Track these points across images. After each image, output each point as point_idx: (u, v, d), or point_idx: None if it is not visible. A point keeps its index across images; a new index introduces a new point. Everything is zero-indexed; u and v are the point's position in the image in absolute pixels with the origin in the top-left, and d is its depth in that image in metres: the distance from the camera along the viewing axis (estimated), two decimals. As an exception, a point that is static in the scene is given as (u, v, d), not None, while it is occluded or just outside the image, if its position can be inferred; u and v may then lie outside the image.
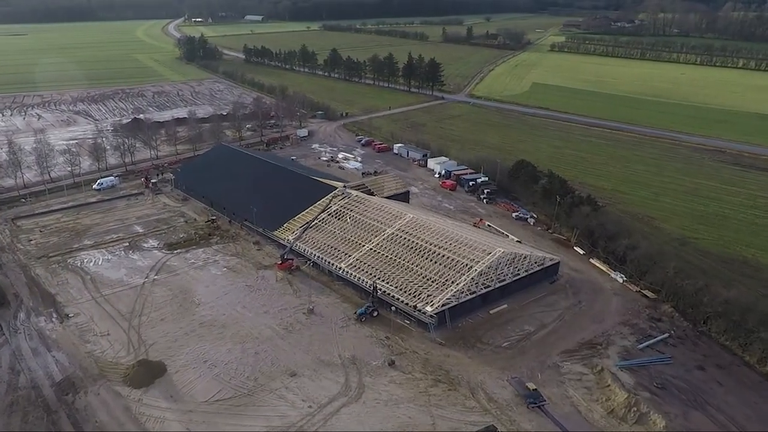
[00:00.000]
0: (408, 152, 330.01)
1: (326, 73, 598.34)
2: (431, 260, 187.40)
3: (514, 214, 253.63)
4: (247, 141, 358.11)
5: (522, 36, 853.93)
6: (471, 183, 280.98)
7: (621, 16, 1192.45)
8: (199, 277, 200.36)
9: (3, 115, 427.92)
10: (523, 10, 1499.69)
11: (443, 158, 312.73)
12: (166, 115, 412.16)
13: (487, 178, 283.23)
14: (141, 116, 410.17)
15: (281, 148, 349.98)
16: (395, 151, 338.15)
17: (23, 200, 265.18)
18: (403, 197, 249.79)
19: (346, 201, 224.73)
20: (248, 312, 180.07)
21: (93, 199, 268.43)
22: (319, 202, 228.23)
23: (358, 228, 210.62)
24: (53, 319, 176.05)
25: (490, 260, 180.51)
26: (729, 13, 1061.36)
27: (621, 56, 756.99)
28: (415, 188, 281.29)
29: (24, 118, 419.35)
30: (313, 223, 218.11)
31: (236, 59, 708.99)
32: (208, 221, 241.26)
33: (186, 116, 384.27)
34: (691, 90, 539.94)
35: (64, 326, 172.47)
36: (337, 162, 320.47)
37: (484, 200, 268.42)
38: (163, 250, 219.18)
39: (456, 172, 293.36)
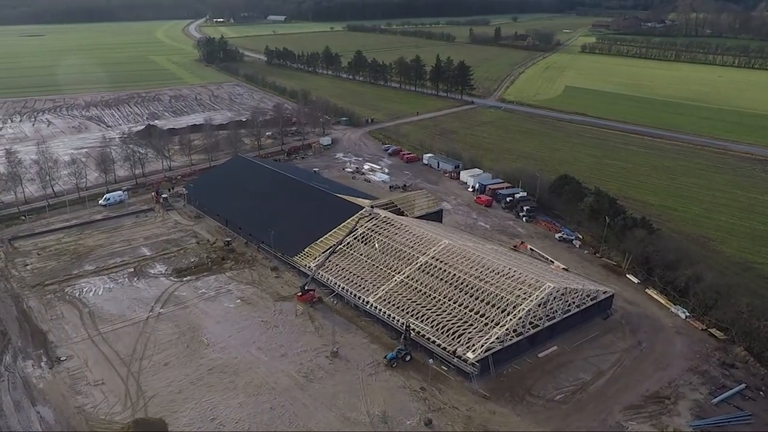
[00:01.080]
0: (438, 163, 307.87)
1: (350, 76, 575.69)
2: (471, 295, 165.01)
3: (557, 235, 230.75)
4: (267, 150, 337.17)
5: (552, 37, 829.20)
6: (508, 199, 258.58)
7: (651, 16, 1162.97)
8: (210, 310, 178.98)
9: (12, 121, 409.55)
10: (549, 9, 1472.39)
11: (477, 170, 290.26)
12: (183, 122, 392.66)
13: (525, 194, 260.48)
14: (156, 122, 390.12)
15: (303, 157, 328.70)
16: (425, 161, 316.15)
17: (23, 218, 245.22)
18: (436, 216, 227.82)
19: (373, 223, 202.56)
20: (264, 355, 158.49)
21: (98, 216, 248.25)
22: (343, 224, 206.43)
23: (387, 255, 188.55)
24: (42, 364, 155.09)
25: (540, 297, 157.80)
26: (763, 12, 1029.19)
27: (655, 58, 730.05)
28: (447, 204, 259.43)
29: (33, 125, 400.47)
30: (338, 248, 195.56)
31: (257, 61, 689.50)
32: (224, 244, 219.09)
33: (203, 122, 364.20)
34: (731, 93, 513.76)
35: (54, 373, 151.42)
36: (363, 174, 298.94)
37: (524, 218, 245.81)
38: (172, 277, 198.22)
39: (491, 187, 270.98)
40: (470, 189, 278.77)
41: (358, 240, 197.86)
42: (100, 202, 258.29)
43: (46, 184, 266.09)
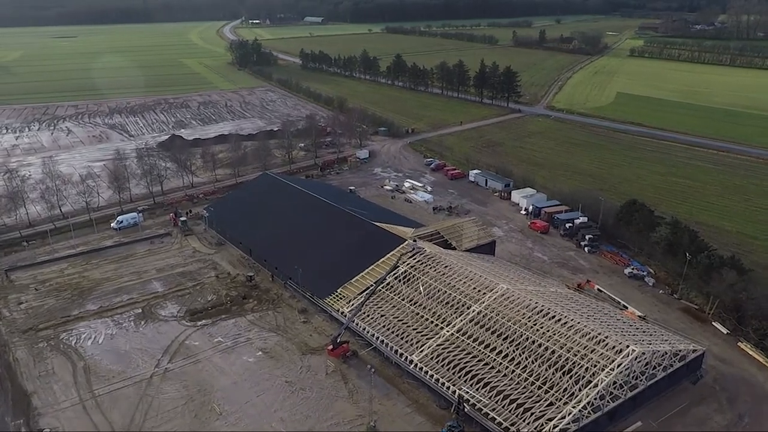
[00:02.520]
0: (487, 181, 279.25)
1: (389, 81, 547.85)
2: (537, 358, 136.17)
3: (626, 270, 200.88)
4: (299, 164, 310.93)
5: (598, 40, 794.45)
6: (568, 225, 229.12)
7: (700, 18, 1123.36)
8: (226, 366, 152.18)
9: (29, 129, 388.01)
10: (593, 11, 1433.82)
11: (530, 190, 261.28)
12: (210, 131, 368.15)
13: (586, 219, 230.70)
14: (181, 131, 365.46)
15: (338, 173, 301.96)
16: (471, 178, 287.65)
17: (24, 244, 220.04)
18: (488, 249, 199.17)
19: (417, 260, 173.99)
20: (286, 429, 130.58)
21: (109, 242, 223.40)
22: (383, 260, 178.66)
23: (434, 300, 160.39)
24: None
25: (623, 364, 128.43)
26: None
27: (708, 62, 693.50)
28: (498, 230, 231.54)
29: (52, 133, 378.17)
30: (376, 290, 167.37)
31: (292, 65, 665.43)
32: (246, 279, 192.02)
33: (231, 132, 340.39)
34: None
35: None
36: (403, 192, 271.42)
37: (586, 249, 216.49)
38: (184, 321, 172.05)
39: (547, 210, 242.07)
40: (523, 212, 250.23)
41: (400, 280, 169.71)
42: (111, 225, 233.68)
43: (53, 204, 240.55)
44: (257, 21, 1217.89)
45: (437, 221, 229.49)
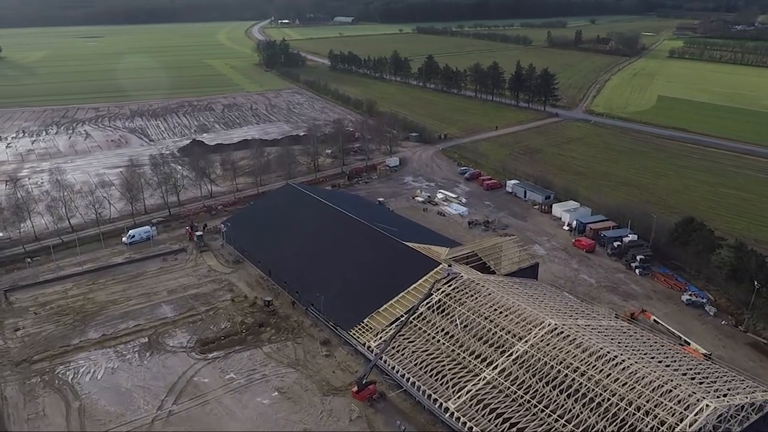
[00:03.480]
0: (526, 192, 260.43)
1: (421, 83, 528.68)
2: (594, 409, 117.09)
3: (684, 297, 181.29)
4: (325, 172, 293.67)
5: (636, 40, 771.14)
6: (616, 244, 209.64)
7: (740, 18, 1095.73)
8: (237, 408, 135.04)
9: (46, 133, 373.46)
10: (628, 11, 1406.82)
11: (573, 203, 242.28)
12: (234, 135, 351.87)
13: (635, 236, 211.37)
14: (204, 136, 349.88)
15: (366, 182, 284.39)
16: (509, 188, 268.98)
17: (27, 261, 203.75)
18: (530, 272, 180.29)
19: (453, 287, 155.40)
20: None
21: (119, 259, 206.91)
22: (415, 286, 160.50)
23: (472, 336, 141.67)
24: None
25: (698, 422, 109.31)
26: None
27: (751, 64, 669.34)
28: (539, 248, 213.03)
29: (69, 137, 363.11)
30: (408, 322, 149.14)
31: (321, 66, 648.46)
32: (264, 303, 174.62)
33: (255, 137, 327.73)
34: None
35: None
36: (436, 204, 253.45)
37: (637, 270, 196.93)
38: (194, 353, 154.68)
39: (593, 226, 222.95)
40: (566, 227, 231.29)
41: (434, 311, 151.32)
42: (123, 239, 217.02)
43: (62, 216, 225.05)
44: (286, 21, 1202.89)
45: (473, 238, 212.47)
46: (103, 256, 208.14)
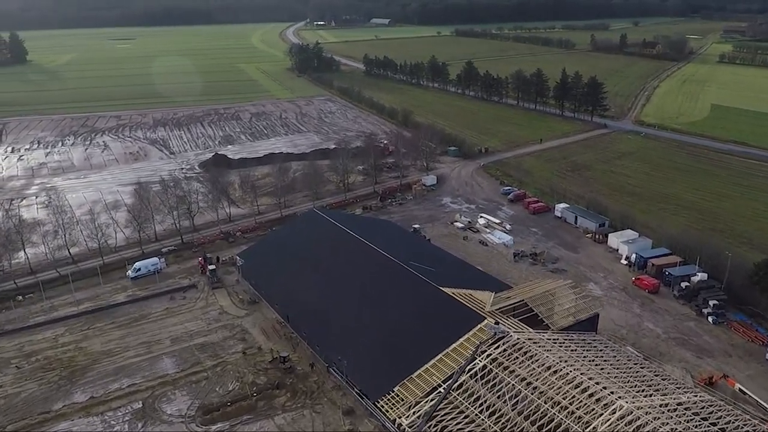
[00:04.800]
0: (577, 218, 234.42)
1: (459, 90, 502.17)
2: None
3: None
4: (356, 192, 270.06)
5: (684, 44, 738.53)
6: (684, 284, 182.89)
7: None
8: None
9: (62, 144, 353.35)
10: (671, 13, 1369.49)
11: (631, 233, 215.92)
12: (260, 148, 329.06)
13: (706, 275, 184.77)
14: (228, 148, 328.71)
15: (401, 203, 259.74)
16: (557, 213, 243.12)
17: (18, 298, 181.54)
18: (589, 324, 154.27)
19: (501, 350, 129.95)
20: None
21: (121, 297, 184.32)
22: (455, 346, 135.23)
23: (525, 418, 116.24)
24: None
25: None
26: None
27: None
28: (595, 286, 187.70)
29: (86, 149, 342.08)
30: (447, 395, 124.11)
31: (355, 71, 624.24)
32: (280, 360, 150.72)
33: (283, 150, 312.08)
34: None
35: None
36: (477, 231, 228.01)
37: (710, 318, 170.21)
38: (194, 424, 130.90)
39: (656, 262, 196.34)
40: (624, 261, 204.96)
41: (478, 380, 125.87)
42: (128, 273, 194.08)
43: (62, 245, 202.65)
44: (322, 23, 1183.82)
45: (519, 273, 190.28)
46: (103, 294, 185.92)
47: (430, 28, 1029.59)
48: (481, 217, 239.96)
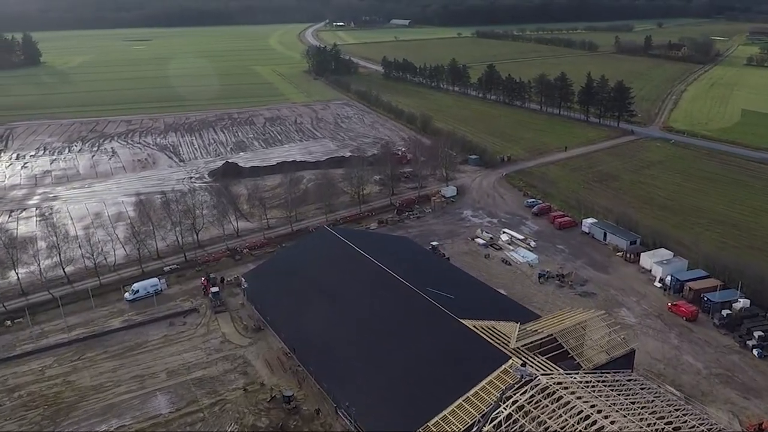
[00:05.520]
0: (606, 234, 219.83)
1: (480, 95, 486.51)
2: None
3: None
4: (372, 203, 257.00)
5: (710, 46, 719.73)
6: (725, 312, 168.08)
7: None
8: None
9: (69, 151, 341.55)
10: (695, 14, 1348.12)
11: (665, 252, 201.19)
12: (273, 155, 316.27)
13: (749, 302, 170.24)
14: (240, 155, 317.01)
15: (418, 216, 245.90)
16: (585, 228, 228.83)
17: (7, 323, 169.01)
18: (625, 362, 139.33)
19: (527, 397, 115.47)
20: None
21: (116, 322, 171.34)
22: (477, 389, 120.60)
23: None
24: None
25: None
26: None
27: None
28: (627, 313, 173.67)
29: (93, 156, 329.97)
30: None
31: (374, 73, 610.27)
32: (284, 400, 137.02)
33: (297, 158, 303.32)
34: None
35: None
36: (500, 248, 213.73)
37: (755, 351, 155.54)
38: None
39: (692, 285, 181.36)
40: (658, 284, 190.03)
41: (502, 431, 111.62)
42: (125, 296, 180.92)
43: (55, 264, 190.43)
44: (341, 23, 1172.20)
45: (545, 297, 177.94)
46: (98, 318, 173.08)
47: (450, 30, 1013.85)
48: (504, 232, 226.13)
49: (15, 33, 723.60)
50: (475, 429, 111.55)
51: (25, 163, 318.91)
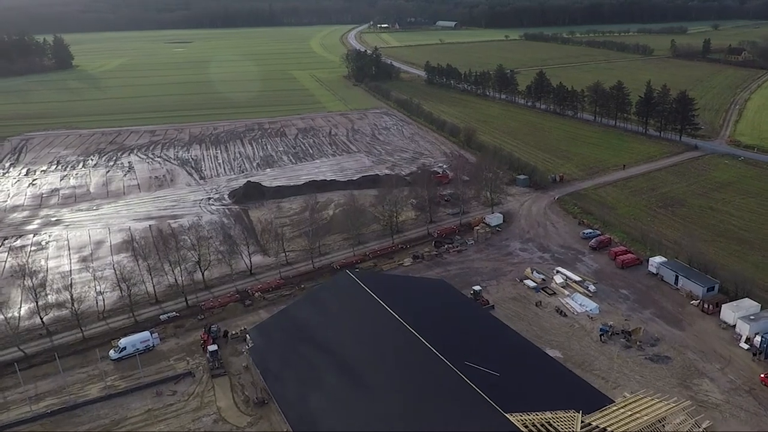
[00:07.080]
0: (678, 277, 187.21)
1: (529, 103, 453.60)
2: None
3: None
4: (407, 233, 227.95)
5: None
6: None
7: None
8: None
9: (83, 165, 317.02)
10: (752, 16, 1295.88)
11: (750, 303, 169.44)
12: (302, 173, 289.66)
13: None
14: (266, 173, 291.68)
15: (459, 250, 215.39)
16: (652, 268, 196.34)
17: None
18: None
19: None
20: None
21: (94, 390, 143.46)
22: None
23: None
24: None
25: None
26: None
27: None
28: (710, 385, 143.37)
29: (107, 172, 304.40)
30: None
31: (416, 79, 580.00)
32: None
33: (327, 176, 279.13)
34: None
35: None
36: (552, 292, 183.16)
37: None
38: None
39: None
40: (744, 344, 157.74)
41: None
42: (110, 353, 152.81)
43: (30, 312, 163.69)
44: (385, 25, 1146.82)
45: (610, 363, 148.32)
46: (73, 384, 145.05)
47: (497, 32, 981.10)
48: (558, 272, 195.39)
49: (47, 35, 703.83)
50: None
51: (34, 180, 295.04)
